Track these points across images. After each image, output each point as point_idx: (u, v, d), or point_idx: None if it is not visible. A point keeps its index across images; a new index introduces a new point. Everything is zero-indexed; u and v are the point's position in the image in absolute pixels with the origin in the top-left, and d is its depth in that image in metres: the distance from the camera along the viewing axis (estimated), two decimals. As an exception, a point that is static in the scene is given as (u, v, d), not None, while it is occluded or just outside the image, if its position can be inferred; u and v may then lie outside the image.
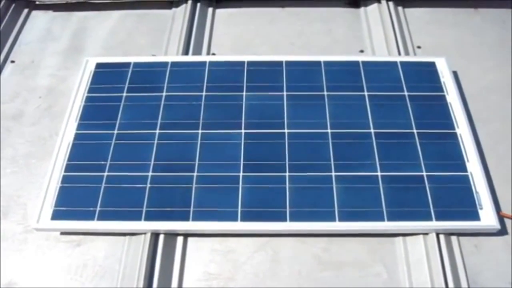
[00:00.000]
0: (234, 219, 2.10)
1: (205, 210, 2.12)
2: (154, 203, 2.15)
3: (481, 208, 2.10)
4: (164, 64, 2.66)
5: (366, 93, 2.48)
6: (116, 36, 3.03)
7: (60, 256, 2.12)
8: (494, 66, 2.75)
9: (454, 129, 2.35)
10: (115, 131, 2.37)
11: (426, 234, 2.10)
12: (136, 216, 2.12)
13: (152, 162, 2.26)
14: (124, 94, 2.52)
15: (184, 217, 2.11)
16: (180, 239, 2.14)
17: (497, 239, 2.11)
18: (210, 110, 2.44)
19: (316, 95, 2.48)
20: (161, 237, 2.12)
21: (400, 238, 2.12)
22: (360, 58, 2.67)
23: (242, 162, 2.25)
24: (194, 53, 2.86)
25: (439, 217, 2.08)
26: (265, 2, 3.17)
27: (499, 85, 2.65)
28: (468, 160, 2.24)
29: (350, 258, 2.07)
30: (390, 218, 2.08)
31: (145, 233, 2.11)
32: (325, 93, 2.49)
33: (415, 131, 2.33)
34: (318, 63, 2.62)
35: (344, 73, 2.58)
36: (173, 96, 2.50)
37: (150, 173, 2.23)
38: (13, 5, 3.20)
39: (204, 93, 2.51)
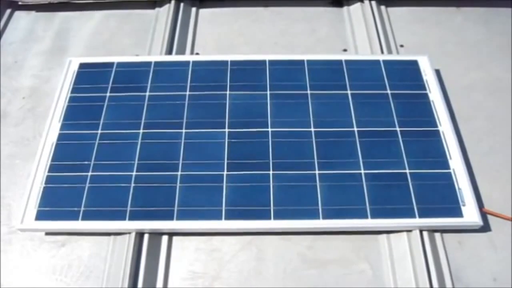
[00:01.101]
0: (219, 217, 2.10)
1: (189, 209, 2.12)
2: (139, 202, 2.15)
3: (463, 205, 2.11)
4: (148, 64, 2.65)
5: (349, 92, 2.49)
6: (100, 36, 3.03)
7: (45, 256, 2.11)
8: (476, 64, 2.78)
9: (436, 126, 2.36)
10: (99, 131, 2.37)
11: (410, 231, 2.11)
12: (120, 216, 2.11)
13: (136, 162, 2.26)
14: (108, 94, 2.51)
15: (168, 216, 2.11)
16: (164, 238, 2.14)
17: (480, 236, 2.12)
18: (194, 110, 2.44)
19: (300, 93, 2.49)
20: (146, 236, 2.11)
21: (384, 235, 2.13)
22: (343, 57, 2.68)
23: (226, 161, 2.25)
24: (177, 53, 2.85)
25: (422, 214, 2.09)
26: (248, 2, 3.18)
27: (481, 83, 2.68)
28: (450, 157, 2.25)
29: (334, 255, 2.08)
30: (374, 216, 2.09)
31: (129, 233, 2.11)
32: (309, 92, 2.49)
33: (398, 129, 2.35)
34: (301, 62, 2.63)
35: (327, 72, 2.59)
36: (156, 96, 2.50)
37: (134, 173, 2.22)
38: (-5, 5, 3.19)
39: (187, 93, 2.51)
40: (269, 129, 2.35)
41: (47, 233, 2.17)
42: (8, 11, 3.21)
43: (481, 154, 2.38)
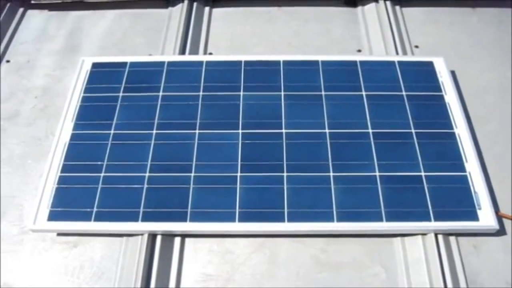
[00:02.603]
0: (232, 219, 2.09)
1: (202, 211, 2.11)
2: (151, 203, 2.14)
3: (479, 208, 2.10)
4: (161, 63, 2.64)
5: (364, 93, 2.48)
6: (112, 35, 3.02)
7: (57, 257, 2.11)
8: (492, 65, 2.75)
9: (452, 129, 2.34)
10: (112, 131, 2.36)
11: (425, 234, 2.10)
12: (133, 217, 2.11)
13: (149, 163, 2.25)
14: (121, 94, 2.51)
15: (181, 218, 2.10)
16: (177, 240, 2.13)
17: (496, 240, 2.10)
18: (207, 110, 2.43)
19: (314, 95, 2.48)
20: (159, 238, 2.11)
21: (399, 238, 2.11)
22: (358, 57, 2.66)
23: (239, 163, 2.25)
24: (191, 53, 2.85)
25: (437, 218, 2.08)
26: (261, 2, 3.17)
27: (497, 85, 2.65)
28: (466, 160, 2.24)
29: (348, 258, 2.07)
30: (389, 219, 2.08)
31: (142, 234, 2.10)
32: (323, 93, 2.48)
33: (413, 131, 2.33)
34: (315, 63, 2.62)
35: (342, 72, 2.58)
36: (170, 96, 2.49)
37: (147, 174, 2.22)
38: (8, 4, 3.19)
39: (201, 93, 2.50)
40: (283, 131, 2.34)
41: (59, 234, 2.17)
42: (21, 10, 3.21)
43: (497, 156, 2.36)
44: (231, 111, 2.42)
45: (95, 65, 2.65)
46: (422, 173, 2.20)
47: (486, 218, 2.08)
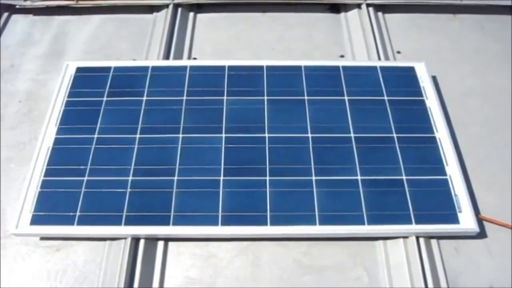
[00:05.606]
0: (215, 223, 2.09)
1: (185, 215, 2.12)
2: (135, 207, 2.14)
3: (460, 211, 2.11)
4: (145, 68, 2.65)
5: (346, 98, 2.49)
6: (97, 40, 3.02)
7: (40, 261, 2.10)
8: (472, 71, 2.78)
9: (433, 133, 2.36)
10: (95, 136, 2.36)
11: (406, 237, 2.11)
12: (116, 221, 2.10)
13: (133, 167, 2.25)
14: (105, 98, 2.51)
15: (164, 221, 2.10)
16: (160, 244, 2.13)
17: (477, 242, 2.12)
18: (191, 115, 2.44)
19: (297, 99, 2.49)
20: (142, 241, 2.11)
21: (381, 241, 2.13)
22: (341, 63, 2.68)
23: (222, 166, 2.25)
24: (175, 58, 2.85)
25: (418, 221, 2.09)
26: (246, 7, 3.18)
27: (478, 90, 2.68)
28: (447, 164, 2.26)
29: (331, 262, 2.08)
30: (370, 222, 2.09)
31: (125, 238, 2.10)
32: (306, 97, 2.49)
33: (394, 135, 2.35)
34: (298, 68, 2.63)
35: (325, 78, 2.59)
36: (153, 101, 2.49)
37: (130, 178, 2.22)
38: (-7, 9, 3.19)
39: (184, 98, 2.50)
40: (266, 135, 2.35)
41: (42, 238, 2.16)
42: (5, 14, 3.20)
43: (478, 160, 2.38)
44: (214, 116, 2.43)
45: (79, 70, 2.65)
46: (404, 177, 2.21)
47: (467, 221, 2.10)
